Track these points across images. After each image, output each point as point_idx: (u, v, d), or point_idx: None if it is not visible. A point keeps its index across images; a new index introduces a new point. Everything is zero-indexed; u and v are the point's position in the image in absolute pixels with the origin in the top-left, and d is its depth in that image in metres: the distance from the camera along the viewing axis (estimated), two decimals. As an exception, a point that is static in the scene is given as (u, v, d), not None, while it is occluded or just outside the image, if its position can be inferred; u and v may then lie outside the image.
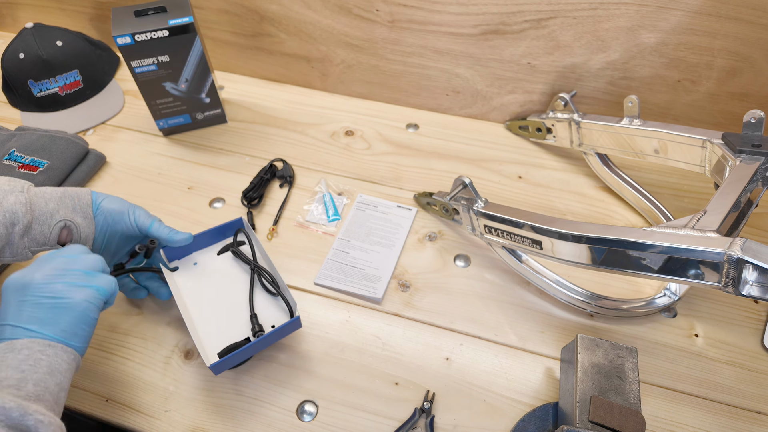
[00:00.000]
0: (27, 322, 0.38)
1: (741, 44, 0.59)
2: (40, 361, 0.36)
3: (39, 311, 0.38)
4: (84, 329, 0.40)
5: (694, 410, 0.48)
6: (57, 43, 0.75)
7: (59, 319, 0.39)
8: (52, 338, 0.38)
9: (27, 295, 0.39)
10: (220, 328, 0.49)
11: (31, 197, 0.45)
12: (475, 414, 0.48)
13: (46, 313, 0.38)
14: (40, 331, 0.38)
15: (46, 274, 0.40)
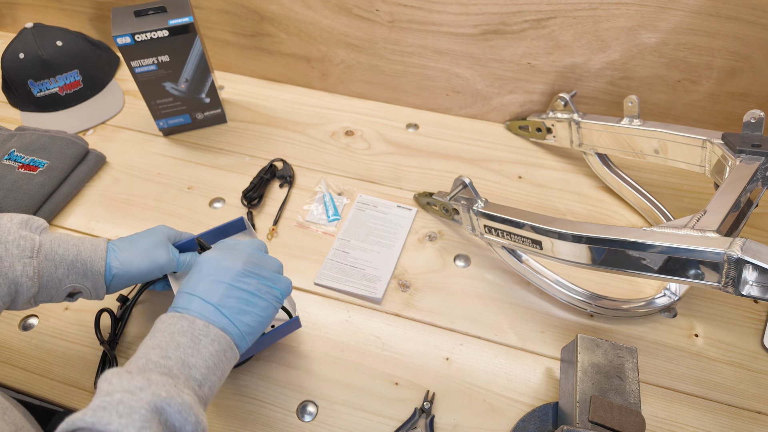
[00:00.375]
0: (218, 302, 0.37)
1: (741, 44, 0.59)
2: (220, 364, 0.35)
3: (230, 299, 0.37)
4: (258, 332, 0.39)
5: (694, 410, 0.48)
6: (57, 43, 0.75)
7: (245, 316, 0.37)
8: (234, 335, 0.36)
9: (224, 277, 0.38)
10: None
11: (40, 263, 0.41)
12: (475, 414, 0.48)
13: (236, 304, 0.37)
14: (226, 318, 0.36)
15: (245, 265, 0.39)
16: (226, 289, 0.38)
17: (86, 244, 0.43)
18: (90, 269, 0.42)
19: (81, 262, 0.42)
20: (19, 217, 0.42)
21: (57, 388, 0.50)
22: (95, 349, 0.52)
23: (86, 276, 0.42)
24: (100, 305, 0.52)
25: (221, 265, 0.39)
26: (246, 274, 0.39)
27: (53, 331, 0.54)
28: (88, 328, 0.54)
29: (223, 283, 0.38)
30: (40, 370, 0.51)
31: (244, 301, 0.38)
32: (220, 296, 0.37)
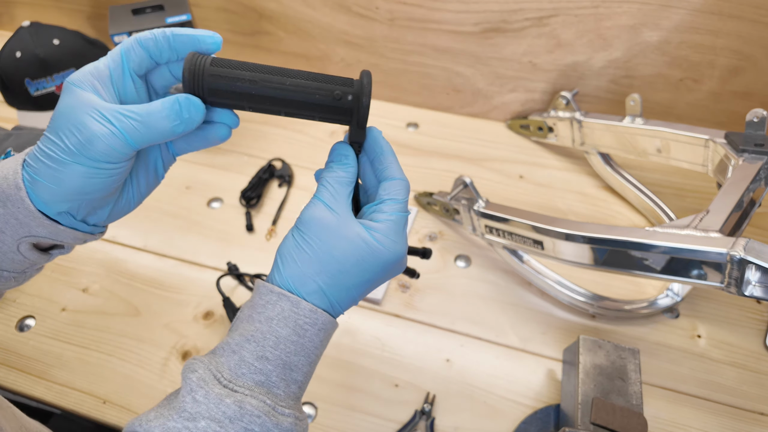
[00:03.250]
0: (329, 283, 0.29)
1: (744, 43, 0.59)
2: (322, 350, 0.30)
3: (345, 280, 0.29)
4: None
5: (696, 411, 0.48)
6: (54, 42, 0.75)
7: (353, 295, 0.30)
8: (337, 314, 0.30)
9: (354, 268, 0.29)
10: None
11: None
12: (475, 416, 0.47)
13: (348, 287, 0.29)
14: (333, 300, 0.29)
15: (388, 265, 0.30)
16: (348, 278, 0.29)
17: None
18: (15, 211, 0.27)
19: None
20: None
21: (54, 390, 0.49)
22: (92, 351, 0.52)
23: (20, 222, 0.27)
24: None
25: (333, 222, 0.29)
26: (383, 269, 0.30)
27: (50, 332, 0.53)
28: (86, 329, 0.54)
29: (346, 274, 0.29)
30: (36, 371, 0.50)
31: (359, 288, 0.30)
32: (335, 279, 0.29)
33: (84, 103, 0.26)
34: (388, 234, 0.30)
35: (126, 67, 0.28)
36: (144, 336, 0.53)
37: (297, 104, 0.29)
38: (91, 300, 0.56)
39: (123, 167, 0.28)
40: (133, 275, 0.58)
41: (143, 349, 0.52)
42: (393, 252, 0.30)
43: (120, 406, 0.48)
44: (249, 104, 0.29)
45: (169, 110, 0.27)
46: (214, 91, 0.28)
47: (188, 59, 0.27)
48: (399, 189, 0.31)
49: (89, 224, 0.30)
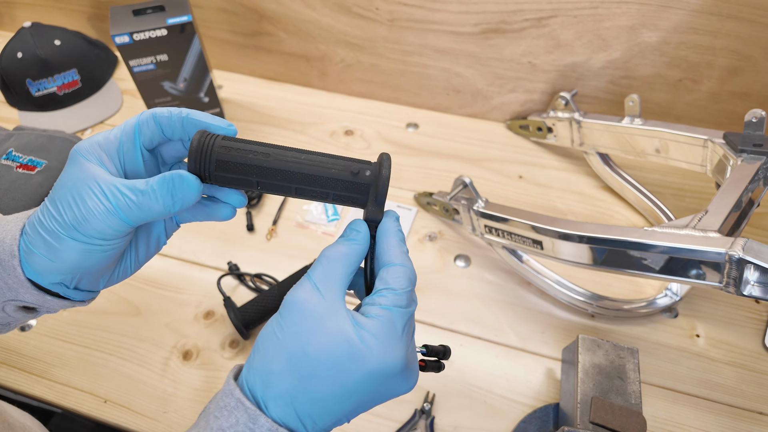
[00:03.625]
0: (303, 410, 0.23)
1: (742, 43, 0.59)
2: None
3: (324, 404, 0.24)
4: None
5: (695, 411, 0.48)
6: (55, 43, 0.75)
7: (330, 420, 0.25)
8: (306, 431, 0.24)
9: (333, 382, 0.24)
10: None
11: None
12: (475, 415, 0.48)
13: (328, 410, 0.24)
14: (306, 424, 0.24)
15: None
16: (332, 397, 0.24)
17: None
18: (5, 276, 0.27)
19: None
20: None
21: (55, 389, 0.49)
22: (93, 350, 0.52)
23: (8, 287, 0.27)
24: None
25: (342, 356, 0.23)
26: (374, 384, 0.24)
27: (51, 332, 0.53)
28: (87, 328, 0.54)
29: (332, 393, 0.24)
30: (38, 371, 0.51)
31: (339, 401, 0.24)
32: (305, 384, 0.23)
33: (87, 175, 0.25)
34: (377, 334, 0.23)
35: (137, 140, 0.27)
36: (145, 335, 0.53)
37: (311, 179, 0.26)
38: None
39: (120, 243, 0.27)
40: (134, 275, 0.58)
41: (144, 349, 0.52)
42: (382, 360, 0.23)
43: (121, 406, 0.48)
44: (259, 179, 0.26)
45: (162, 189, 0.25)
46: (222, 164, 0.26)
47: (198, 133, 0.27)
48: (397, 276, 0.25)
49: (82, 290, 0.29)
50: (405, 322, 0.25)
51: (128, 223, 0.26)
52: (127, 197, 0.25)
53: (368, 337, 0.24)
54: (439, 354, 0.31)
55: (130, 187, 0.25)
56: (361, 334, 0.24)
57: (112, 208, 0.25)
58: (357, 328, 0.24)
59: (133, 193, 0.25)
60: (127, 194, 0.25)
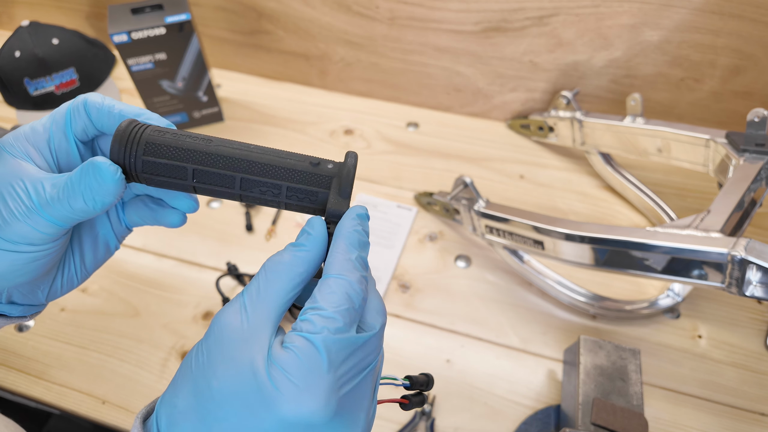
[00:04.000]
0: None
1: (744, 42, 0.59)
2: None
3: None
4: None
5: (697, 412, 0.48)
6: (53, 41, 0.75)
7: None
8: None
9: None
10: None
11: None
12: (476, 417, 0.47)
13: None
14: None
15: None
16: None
17: None
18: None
19: None
20: None
21: (53, 390, 0.49)
22: (91, 351, 0.52)
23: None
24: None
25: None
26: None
27: (49, 333, 0.53)
28: (85, 329, 0.53)
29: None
30: (35, 372, 0.50)
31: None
32: (209, 427, 0.19)
33: (9, 171, 0.21)
34: (291, 371, 0.18)
35: (69, 130, 0.23)
36: (143, 336, 0.53)
37: (260, 168, 0.21)
38: (90, 300, 0.56)
39: (51, 249, 0.23)
40: (133, 275, 0.58)
41: (142, 350, 0.52)
42: (296, 407, 0.18)
43: (119, 407, 0.48)
44: (195, 165, 0.21)
45: (83, 182, 0.21)
46: (152, 148, 0.21)
47: (128, 120, 0.22)
48: (329, 292, 0.20)
49: (19, 304, 0.25)
50: (334, 353, 0.19)
51: (56, 224, 0.22)
52: (48, 193, 0.21)
53: (278, 375, 0.18)
54: (422, 385, 0.27)
55: (53, 182, 0.22)
56: (272, 371, 0.18)
57: (33, 206, 0.21)
58: (269, 362, 0.19)
59: (54, 188, 0.21)
60: (48, 190, 0.21)
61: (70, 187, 0.21)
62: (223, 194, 0.22)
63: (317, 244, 0.22)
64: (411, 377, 0.27)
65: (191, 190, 0.22)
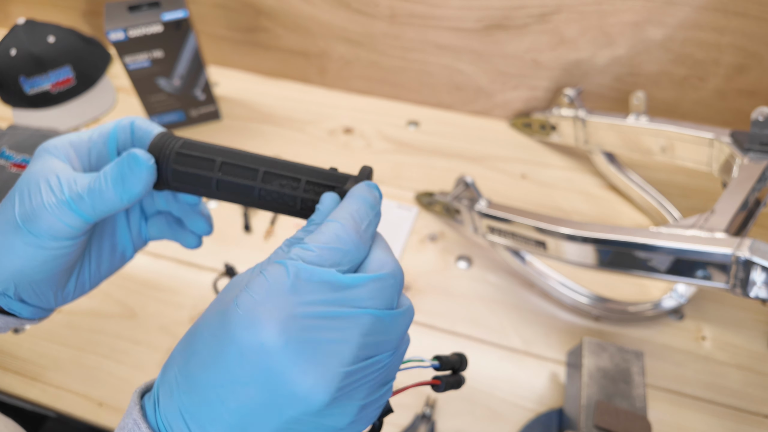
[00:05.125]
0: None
1: (749, 40, 0.58)
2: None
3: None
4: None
5: (701, 414, 0.47)
6: (49, 39, 0.74)
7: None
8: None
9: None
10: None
11: None
12: (477, 420, 0.47)
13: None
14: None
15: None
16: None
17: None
18: None
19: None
20: None
21: (49, 392, 0.49)
22: (88, 353, 0.51)
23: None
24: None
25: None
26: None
27: (45, 334, 0.52)
28: (81, 331, 0.53)
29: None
30: (31, 374, 0.50)
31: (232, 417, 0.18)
32: (188, 372, 0.18)
33: (46, 168, 0.23)
34: (255, 291, 0.17)
35: (112, 144, 0.25)
36: (140, 338, 0.52)
37: (283, 165, 0.24)
38: (87, 302, 0.55)
39: (72, 246, 0.23)
40: (129, 276, 0.57)
41: (139, 351, 0.51)
42: (249, 325, 0.17)
43: (115, 409, 0.47)
44: (224, 158, 0.24)
45: (114, 172, 0.23)
46: (186, 144, 0.24)
47: (159, 134, 0.25)
48: (319, 234, 0.19)
49: (30, 305, 0.25)
50: (305, 281, 0.18)
51: (83, 217, 0.23)
52: (80, 188, 0.22)
53: (243, 295, 0.18)
54: (455, 365, 0.24)
55: (86, 178, 0.23)
56: (239, 295, 0.18)
57: (65, 199, 0.22)
58: (242, 284, 0.19)
59: (86, 180, 0.23)
60: (81, 185, 0.23)
61: (104, 178, 0.22)
62: (244, 193, 0.23)
63: (326, 217, 0.21)
64: (441, 357, 0.25)
65: (215, 186, 0.24)
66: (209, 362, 0.18)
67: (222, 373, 0.17)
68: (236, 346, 0.17)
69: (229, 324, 0.17)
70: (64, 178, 0.23)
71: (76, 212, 0.22)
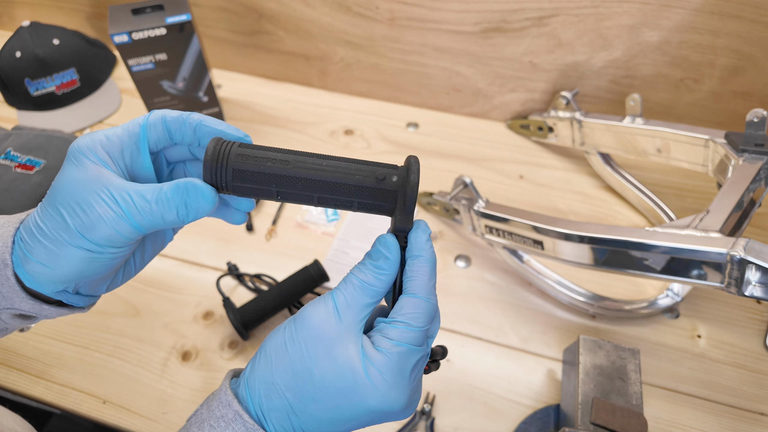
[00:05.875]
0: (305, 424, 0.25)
1: (743, 42, 0.59)
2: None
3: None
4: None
5: (696, 412, 0.48)
6: (54, 42, 0.75)
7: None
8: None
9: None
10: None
11: None
12: (475, 416, 0.47)
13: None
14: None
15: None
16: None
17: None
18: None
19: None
20: None
21: (54, 390, 0.49)
22: (92, 351, 0.52)
23: (3, 296, 0.26)
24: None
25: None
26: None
27: (50, 332, 0.53)
28: (86, 329, 0.54)
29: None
30: (36, 371, 0.50)
31: (336, 425, 0.25)
32: (304, 404, 0.24)
33: (92, 178, 0.23)
34: (384, 373, 0.23)
35: (143, 143, 0.25)
36: (144, 336, 0.53)
37: (333, 187, 0.24)
38: (91, 300, 0.56)
39: (128, 251, 0.25)
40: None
41: (143, 349, 0.52)
42: (384, 400, 0.23)
43: (120, 407, 0.48)
44: (278, 188, 0.25)
45: (178, 199, 0.24)
46: (240, 174, 0.24)
47: (213, 141, 0.25)
48: (418, 312, 0.24)
49: (83, 295, 0.27)
50: (415, 362, 0.24)
51: (140, 231, 0.24)
52: (138, 205, 0.23)
53: (375, 373, 0.23)
54: (437, 356, 0.29)
55: (142, 194, 0.24)
56: (369, 369, 0.23)
57: (123, 214, 0.23)
58: (365, 361, 0.23)
59: (145, 201, 0.24)
60: (138, 202, 0.23)
61: (165, 202, 0.24)
62: (303, 203, 0.26)
63: (393, 269, 0.25)
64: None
65: (276, 197, 0.26)
66: (332, 408, 0.23)
67: (344, 416, 0.24)
68: (367, 409, 0.23)
69: (365, 394, 0.23)
70: (116, 191, 0.23)
71: (134, 227, 0.24)
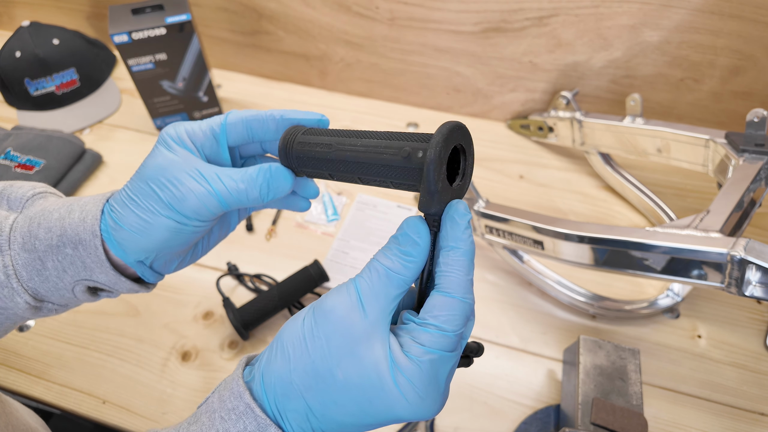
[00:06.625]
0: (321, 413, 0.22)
1: (744, 42, 0.59)
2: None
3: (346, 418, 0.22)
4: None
5: (696, 412, 0.48)
6: (53, 42, 0.75)
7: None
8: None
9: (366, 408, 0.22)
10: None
11: (14, 259, 0.27)
12: (476, 416, 0.47)
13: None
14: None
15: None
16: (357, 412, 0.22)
17: (75, 214, 0.27)
18: (84, 255, 0.27)
19: (70, 244, 0.27)
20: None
21: (53, 390, 0.49)
22: (92, 351, 0.52)
23: (85, 266, 0.27)
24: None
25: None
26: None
27: (50, 332, 0.53)
28: (85, 329, 0.54)
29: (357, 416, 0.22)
30: (36, 371, 0.50)
31: (357, 428, 0.23)
32: (325, 407, 0.22)
33: (183, 160, 0.26)
34: (416, 383, 0.21)
35: (223, 140, 0.28)
36: (143, 336, 0.53)
37: (367, 168, 0.23)
38: (91, 300, 0.56)
39: (209, 225, 0.28)
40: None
41: (143, 349, 0.52)
42: (416, 411, 0.21)
43: (119, 407, 0.48)
44: (329, 171, 0.26)
45: (262, 179, 0.27)
46: (300, 160, 0.27)
47: (287, 130, 0.27)
48: (450, 312, 0.21)
49: (156, 272, 0.30)
50: (449, 369, 0.22)
51: (224, 207, 0.26)
52: (227, 183, 0.26)
53: (405, 383, 0.21)
54: (471, 352, 0.26)
55: (229, 175, 0.26)
56: (398, 378, 0.21)
57: (212, 190, 0.26)
58: (394, 368, 0.21)
59: (233, 180, 0.26)
60: (227, 180, 0.26)
61: (250, 180, 0.26)
62: (353, 182, 0.26)
63: (423, 254, 0.22)
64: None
65: (330, 177, 0.27)
66: (356, 413, 0.22)
67: (368, 423, 0.22)
68: (394, 417, 0.21)
69: (393, 404, 0.21)
70: (205, 171, 0.26)
71: (220, 202, 0.26)
